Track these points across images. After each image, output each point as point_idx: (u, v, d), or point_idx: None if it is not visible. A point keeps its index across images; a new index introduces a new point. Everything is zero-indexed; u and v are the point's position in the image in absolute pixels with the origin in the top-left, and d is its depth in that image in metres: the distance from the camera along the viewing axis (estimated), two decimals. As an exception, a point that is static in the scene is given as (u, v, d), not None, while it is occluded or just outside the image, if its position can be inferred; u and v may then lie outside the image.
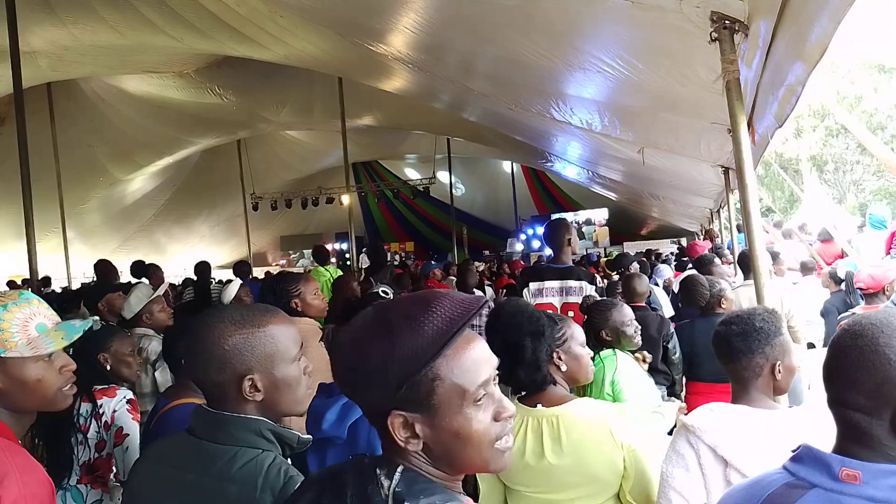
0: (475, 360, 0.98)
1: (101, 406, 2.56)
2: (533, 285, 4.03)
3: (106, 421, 2.56)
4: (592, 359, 2.89)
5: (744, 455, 1.70)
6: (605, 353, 2.97)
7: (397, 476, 0.96)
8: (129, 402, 2.65)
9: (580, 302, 3.83)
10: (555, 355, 2.12)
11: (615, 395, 2.82)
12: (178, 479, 1.34)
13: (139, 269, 7.33)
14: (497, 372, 1.02)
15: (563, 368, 2.14)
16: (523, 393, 2.12)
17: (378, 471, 0.98)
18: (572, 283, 3.87)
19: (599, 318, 3.08)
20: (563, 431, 1.96)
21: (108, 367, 2.74)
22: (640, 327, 3.14)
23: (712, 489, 1.75)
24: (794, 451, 1.16)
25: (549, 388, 2.07)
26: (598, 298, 3.82)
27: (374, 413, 1.00)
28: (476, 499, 3.42)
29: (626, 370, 2.93)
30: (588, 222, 21.74)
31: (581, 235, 21.65)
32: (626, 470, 1.95)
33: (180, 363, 2.33)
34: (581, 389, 2.86)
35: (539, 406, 2.02)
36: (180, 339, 2.39)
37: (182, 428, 1.42)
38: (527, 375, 2.05)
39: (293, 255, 22.39)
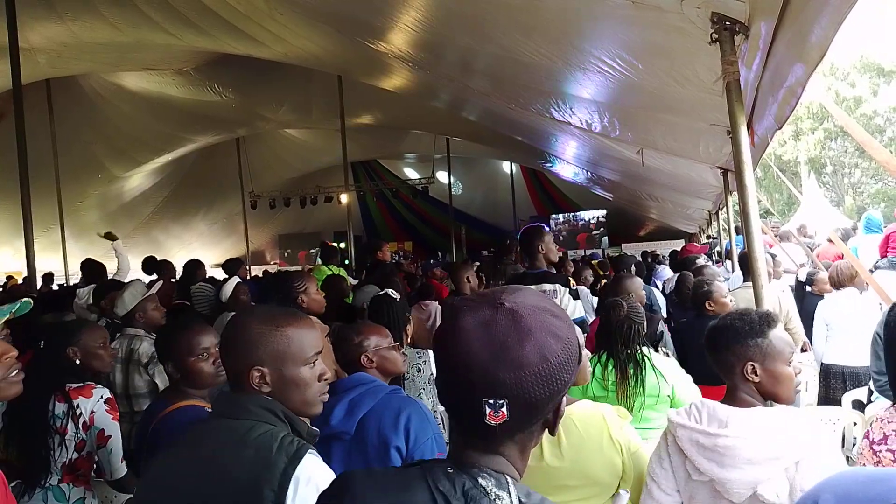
0: None
1: (77, 407, 2.51)
2: None
3: (84, 422, 2.51)
4: (638, 361, 2.85)
5: (697, 448, 1.75)
6: (647, 353, 2.91)
7: (512, 488, 0.95)
8: (106, 401, 2.59)
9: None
10: None
11: (674, 396, 2.79)
12: (192, 454, 1.43)
13: (151, 265, 7.18)
14: None
15: None
16: None
17: (483, 481, 0.95)
18: (546, 287, 3.88)
19: (651, 320, 3.04)
20: (561, 434, 1.96)
21: (78, 361, 2.66)
22: None
23: (679, 476, 1.83)
24: None
25: None
26: (565, 292, 3.79)
27: (555, 401, 0.98)
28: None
29: (670, 367, 2.91)
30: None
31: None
32: (624, 472, 1.95)
33: (170, 366, 2.30)
34: (636, 394, 2.80)
35: None
36: (168, 340, 2.35)
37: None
38: None
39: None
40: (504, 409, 0.93)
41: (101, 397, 2.58)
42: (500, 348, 0.93)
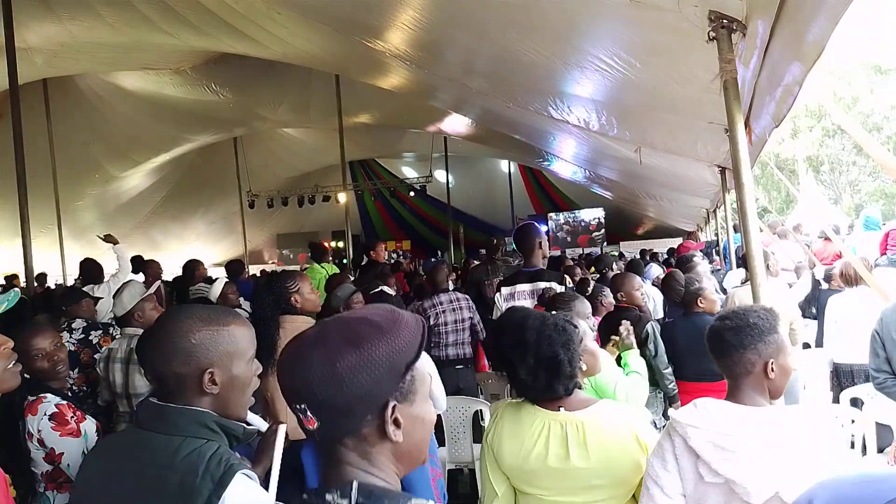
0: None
1: (26, 425, 2.41)
2: (505, 290, 4.05)
3: (39, 439, 2.42)
4: None
5: (714, 449, 1.72)
6: None
7: (354, 492, 0.96)
8: (51, 417, 2.43)
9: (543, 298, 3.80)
10: None
11: (601, 392, 2.77)
12: (121, 471, 1.37)
13: (136, 264, 7.28)
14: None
15: (584, 367, 2.12)
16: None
17: (328, 496, 0.97)
18: (542, 285, 3.89)
19: (566, 310, 2.97)
20: (589, 436, 1.93)
21: (25, 375, 2.44)
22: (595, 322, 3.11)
23: (687, 479, 1.79)
24: None
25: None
26: (560, 290, 3.80)
27: (369, 406, 0.98)
28: (475, 501, 3.37)
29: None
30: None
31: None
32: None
33: None
34: None
35: (561, 410, 1.99)
36: None
37: None
38: (564, 386, 1.99)
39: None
40: (310, 414, 0.98)
41: (45, 414, 2.43)
42: (293, 356, 1.01)
